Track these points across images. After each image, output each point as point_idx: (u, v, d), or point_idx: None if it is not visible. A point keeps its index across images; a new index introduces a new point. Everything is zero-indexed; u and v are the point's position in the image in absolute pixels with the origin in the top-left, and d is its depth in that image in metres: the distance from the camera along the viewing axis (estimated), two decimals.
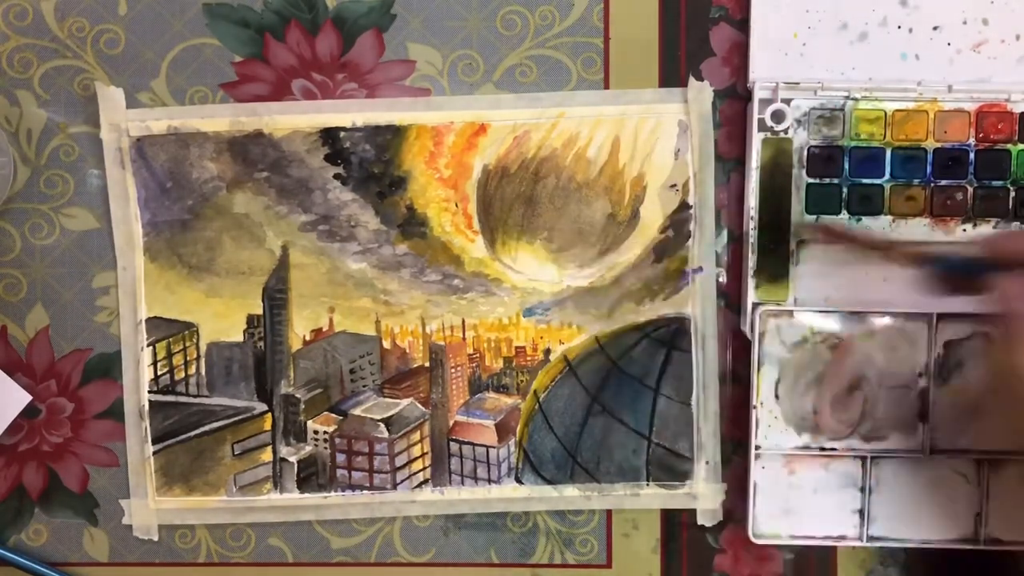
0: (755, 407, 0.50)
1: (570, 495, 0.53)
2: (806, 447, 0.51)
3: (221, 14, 0.52)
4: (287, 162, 0.52)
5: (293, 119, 0.51)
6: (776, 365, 0.50)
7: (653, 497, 0.53)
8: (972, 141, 0.49)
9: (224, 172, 0.52)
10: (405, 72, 0.52)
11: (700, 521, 0.53)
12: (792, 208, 0.50)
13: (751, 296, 0.50)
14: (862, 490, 0.51)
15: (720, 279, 0.52)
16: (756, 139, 0.49)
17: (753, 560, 0.53)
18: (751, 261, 0.50)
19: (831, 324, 0.50)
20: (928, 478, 0.51)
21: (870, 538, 0.51)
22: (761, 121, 0.49)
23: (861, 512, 0.51)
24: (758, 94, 0.49)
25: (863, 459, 0.51)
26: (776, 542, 0.51)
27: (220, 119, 0.52)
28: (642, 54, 0.51)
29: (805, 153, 0.50)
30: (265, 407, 0.53)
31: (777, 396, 0.50)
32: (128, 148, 0.52)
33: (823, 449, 0.50)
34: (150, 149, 0.52)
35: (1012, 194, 0.49)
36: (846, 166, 0.50)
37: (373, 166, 0.52)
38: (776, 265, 0.50)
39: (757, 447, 0.51)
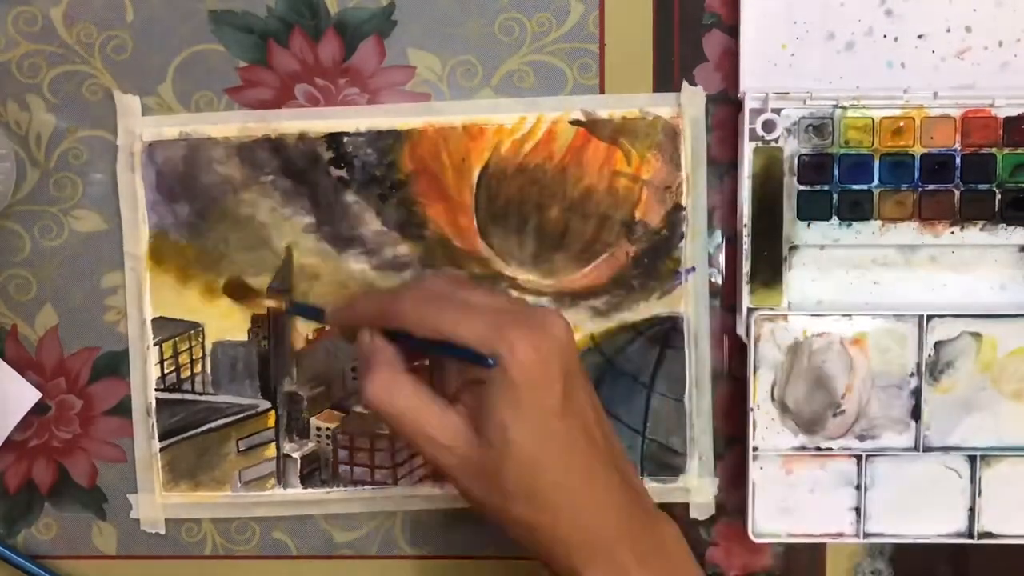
0: (752, 409, 0.51)
1: None
2: (803, 447, 0.51)
3: (226, 20, 0.52)
4: (292, 166, 0.53)
5: (299, 124, 0.52)
6: (772, 368, 0.51)
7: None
8: (958, 146, 0.50)
9: (231, 176, 0.53)
10: (405, 77, 0.52)
11: (693, 514, 0.53)
12: (784, 215, 0.50)
13: (746, 301, 0.51)
14: (858, 488, 0.51)
15: (713, 279, 0.52)
16: (748, 148, 0.50)
17: (745, 553, 0.54)
18: (745, 268, 0.51)
19: (824, 327, 0.51)
20: (921, 475, 0.51)
21: (866, 534, 0.51)
22: (752, 131, 0.50)
23: (857, 509, 0.51)
24: (749, 104, 0.50)
25: (858, 458, 0.51)
26: (775, 540, 0.52)
27: (230, 125, 0.52)
28: (636, 59, 0.52)
29: (796, 161, 0.50)
30: (269, 405, 0.54)
31: (773, 398, 0.51)
32: (140, 152, 0.52)
33: (819, 449, 0.51)
34: (160, 153, 0.52)
35: (998, 197, 0.50)
36: (836, 173, 0.50)
37: (375, 170, 0.52)
38: (770, 271, 0.51)
39: (755, 448, 0.51)
